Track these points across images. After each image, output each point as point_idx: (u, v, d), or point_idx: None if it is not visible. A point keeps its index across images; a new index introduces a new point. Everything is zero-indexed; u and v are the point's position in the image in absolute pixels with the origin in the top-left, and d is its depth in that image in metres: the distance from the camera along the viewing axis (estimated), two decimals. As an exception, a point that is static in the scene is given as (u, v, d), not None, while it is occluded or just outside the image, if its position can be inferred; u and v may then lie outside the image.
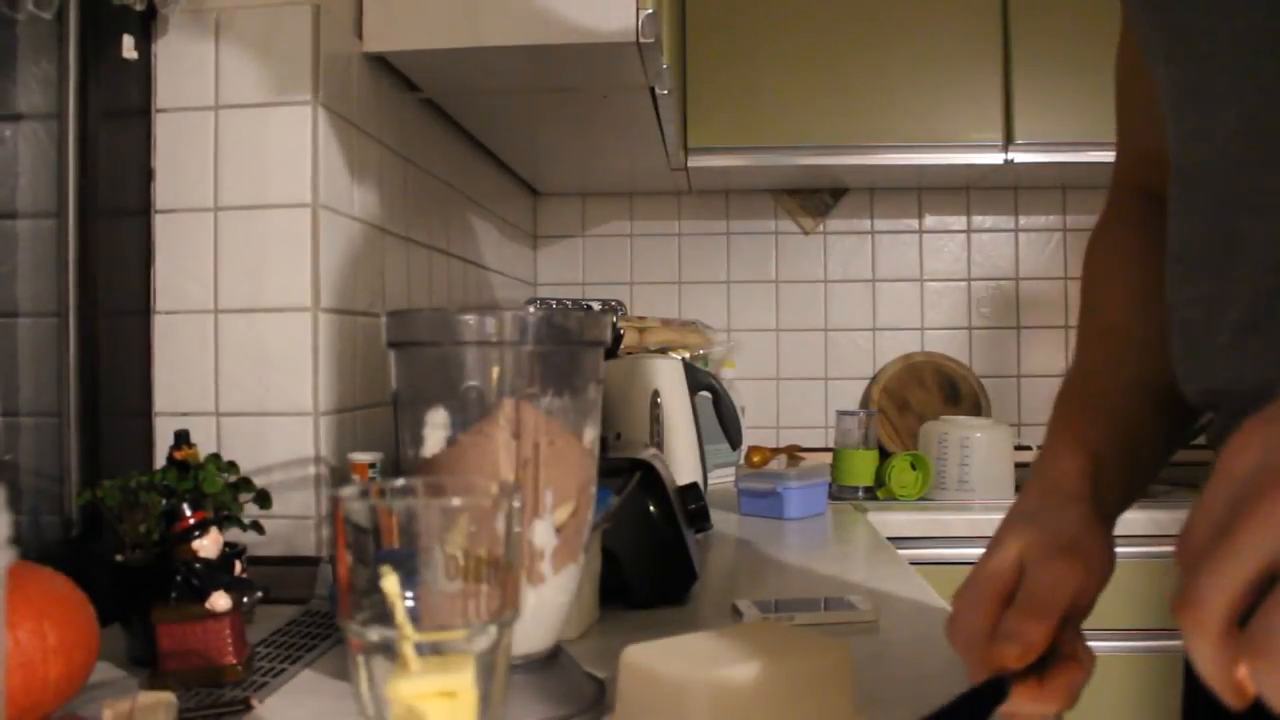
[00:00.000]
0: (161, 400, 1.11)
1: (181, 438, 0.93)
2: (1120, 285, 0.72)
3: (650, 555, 1.02)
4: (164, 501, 0.82)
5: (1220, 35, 0.54)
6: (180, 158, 1.11)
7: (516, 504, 0.47)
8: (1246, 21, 0.52)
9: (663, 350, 2.03)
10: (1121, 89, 0.77)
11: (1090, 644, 0.55)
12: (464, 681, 0.44)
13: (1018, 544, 0.56)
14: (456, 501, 0.49)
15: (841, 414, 2.04)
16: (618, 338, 1.74)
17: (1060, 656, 0.54)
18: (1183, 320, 0.61)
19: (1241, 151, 0.54)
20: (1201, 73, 0.57)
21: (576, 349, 0.70)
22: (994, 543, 0.58)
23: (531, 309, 1.76)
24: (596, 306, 2.34)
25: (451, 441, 0.68)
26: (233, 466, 0.93)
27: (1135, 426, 0.65)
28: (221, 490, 0.88)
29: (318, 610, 0.99)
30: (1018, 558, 0.56)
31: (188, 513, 0.77)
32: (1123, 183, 0.79)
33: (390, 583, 0.43)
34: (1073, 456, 0.62)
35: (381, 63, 1.30)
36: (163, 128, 1.11)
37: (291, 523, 1.09)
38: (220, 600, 0.76)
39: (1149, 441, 0.66)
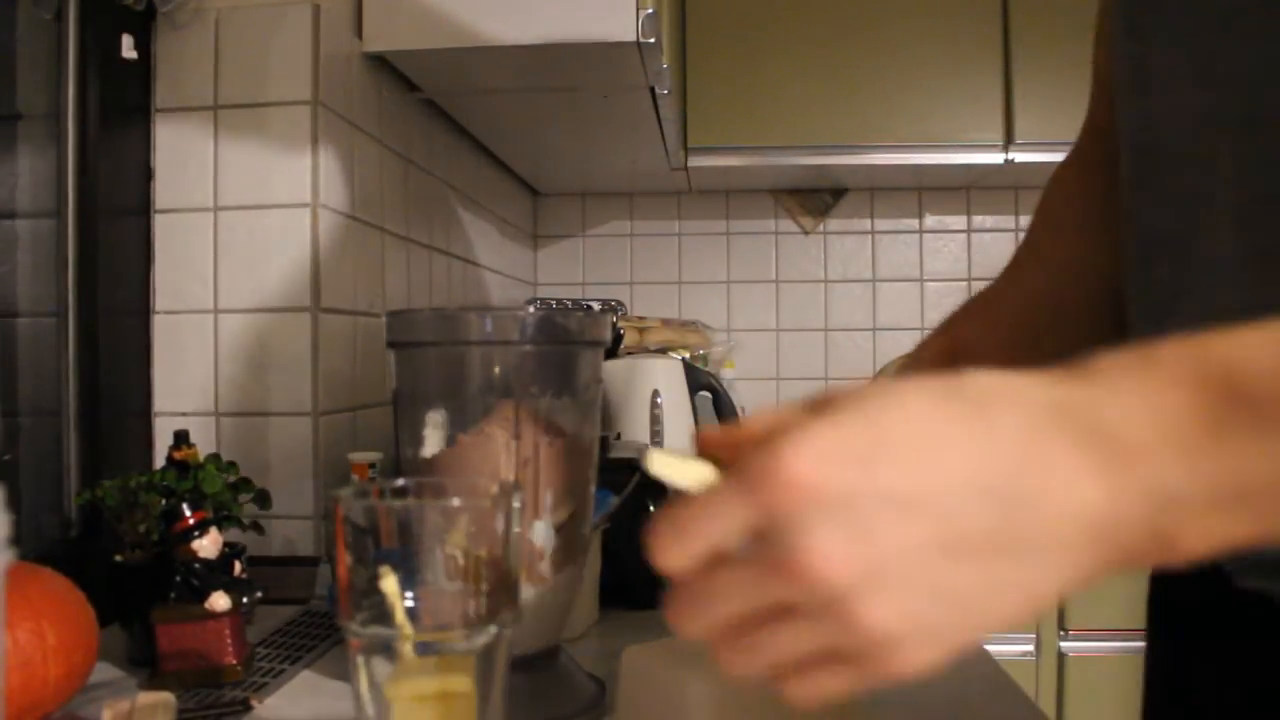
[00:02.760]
0: (161, 400, 1.11)
1: (181, 438, 0.93)
2: (1065, 240, 0.72)
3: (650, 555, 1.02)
4: (163, 501, 0.82)
5: (1188, 9, 0.51)
6: (180, 158, 1.11)
7: (516, 504, 0.47)
8: None
9: (663, 350, 2.03)
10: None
11: (1090, 644, 0.55)
12: (464, 682, 0.44)
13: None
14: (456, 501, 0.49)
15: (841, 414, 2.04)
16: (618, 338, 1.74)
17: None
18: (1144, 306, 0.58)
19: (1206, 137, 0.51)
20: (1167, 51, 0.54)
21: (576, 349, 0.70)
22: None
23: (531, 309, 1.76)
24: (596, 306, 2.34)
25: (451, 441, 0.68)
26: (232, 466, 0.93)
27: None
28: (221, 490, 0.88)
29: (317, 610, 0.99)
30: None
31: (187, 513, 0.77)
32: (1088, 129, 0.76)
33: (389, 583, 0.43)
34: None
35: (381, 63, 1.30)
36: (162, 128, 1.11)
37: (291, 523, 1.09)
38: (220, 600, 0.76)
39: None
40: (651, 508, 1.03)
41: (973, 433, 0.32)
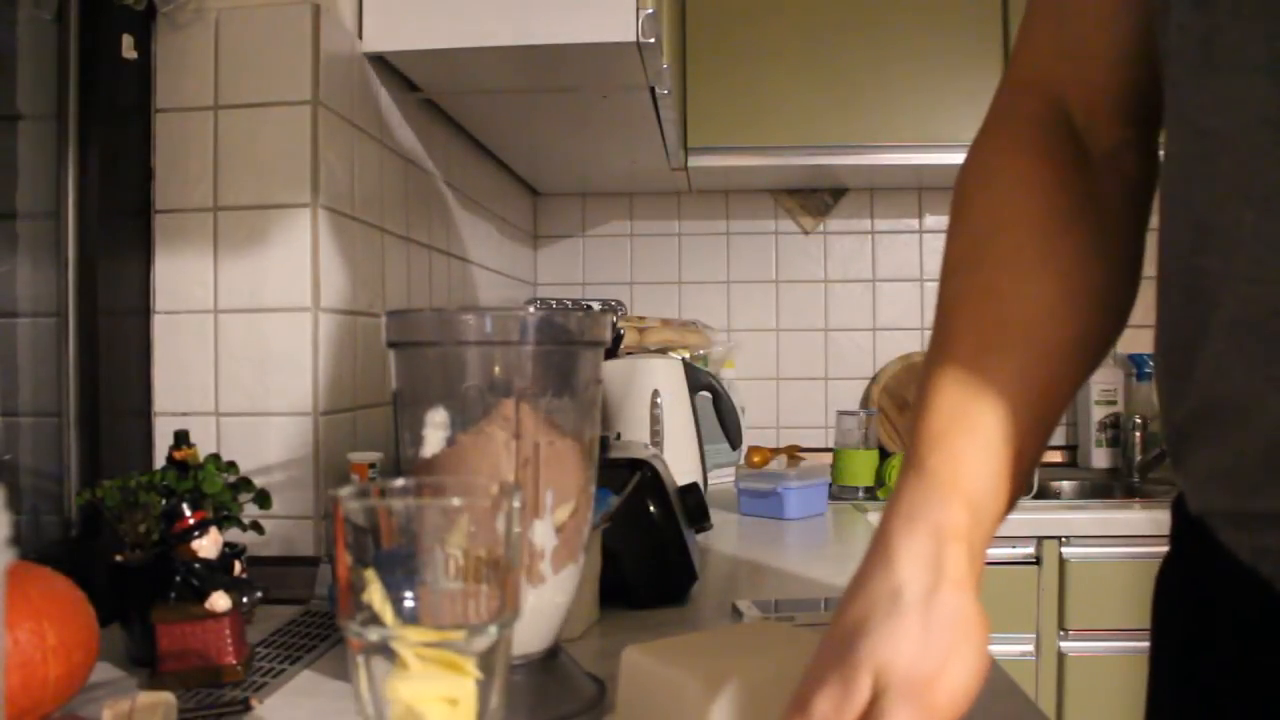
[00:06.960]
0: (161, 400, 1.11)
1: (181, 438, 0.93)
2: (1039, 258, 0.58)
3: (650, 555, 1.02)
4: (163, 501, 0.82)
5: None
6: (180, 158, 1.11)
7: (516, 504, 0.47)
8: None
9: (663, 350, 2.03)
10: None
11: (1090, 644, 0.54)
12: (464, 682, 0.44)
13: (871, 664, 0.46)
14: (456, 501, 0.48)
15: (841, 414, 2.04)
16: (618, 338, 1.74)
17: None
18: (1187, 291, 0.53)
19: (1266, 130, 0.47)
20: (1235, 27, 0.48)
21: (576, 349, 0.70)
22: (850, 598, 0.53)
23: (531, 309, 1.76)
24: (596, 306, 2.34)
25: (451, 441, 0.68)
26: (232, 466, 0.93)
27: (1023, 470, 0.55)
28: (221, 490, 0.88)
29: (317, 610, 0.99)
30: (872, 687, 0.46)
31: (187, 513, 0.77)
32: (1024, 84, 0.66)
33: (375, 592, 0.43)
34: (953, 508, 0.52)
35: (381, 63, 1.30)
36: (163, 128, 1.11)
37: (291, 523, 1.09)
38: (220, 600, 0.76)
39: (1022, 484, 0.56)
40: (652, 508, 1.03)
41: None
